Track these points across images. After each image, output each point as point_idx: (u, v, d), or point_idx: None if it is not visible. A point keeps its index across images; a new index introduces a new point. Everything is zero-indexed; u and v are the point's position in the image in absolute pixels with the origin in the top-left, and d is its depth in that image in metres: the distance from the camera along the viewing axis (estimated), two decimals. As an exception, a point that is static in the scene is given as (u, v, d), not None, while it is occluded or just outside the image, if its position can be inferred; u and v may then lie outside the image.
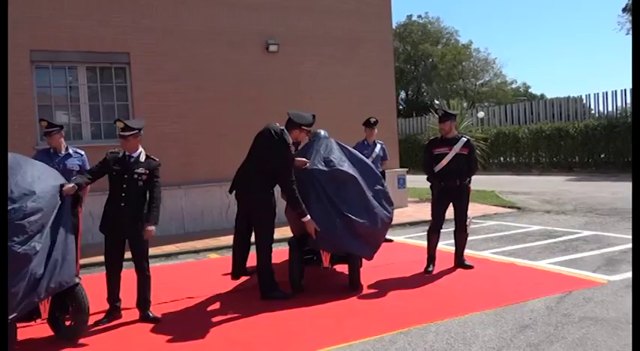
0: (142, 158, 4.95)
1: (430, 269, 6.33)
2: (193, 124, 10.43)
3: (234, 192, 5.63)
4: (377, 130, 8.29)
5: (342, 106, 11.56)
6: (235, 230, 5.68)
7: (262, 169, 5.39)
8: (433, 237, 6.41)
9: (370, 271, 6.27)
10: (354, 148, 6.75)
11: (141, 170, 4.88)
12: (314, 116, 5.76)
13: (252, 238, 5.53)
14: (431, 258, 6.42)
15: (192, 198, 10.37)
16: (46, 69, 9.57)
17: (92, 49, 9.64)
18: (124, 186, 4.83)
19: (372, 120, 8.21)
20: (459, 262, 6.51)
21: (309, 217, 5.31)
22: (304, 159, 5.69)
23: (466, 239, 6.51)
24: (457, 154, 6.22)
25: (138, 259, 4.94)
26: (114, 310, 5.03)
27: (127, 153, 4.94)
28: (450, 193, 6.25)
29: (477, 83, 44.91)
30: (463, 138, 6.30)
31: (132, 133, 4.90)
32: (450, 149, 6.23)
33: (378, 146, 8.31)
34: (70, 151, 6.02)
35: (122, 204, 4.83)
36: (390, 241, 8.65)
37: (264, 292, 5.47)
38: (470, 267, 6.40)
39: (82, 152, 6.13)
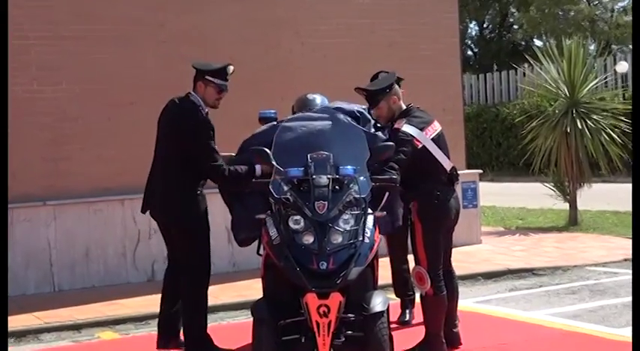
0: None
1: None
2: (72, 84, 10.59)
3: (147, 211, 6.89)
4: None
5: (358, 51, 11.88)
6: (168, 266, 6.97)
7: (174, 160, 6.48)
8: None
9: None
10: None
11: None
12: (228, 65, 6.64)
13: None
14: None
15: (67, 225, 10.43)
16: None
17: None
18: None
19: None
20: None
21: (258, 166, 6.32)
22: None
23: (428, 311, 6.68)
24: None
25: None
26: None
27: None
28: None
29: (615, 8, 44.68)
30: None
31: None
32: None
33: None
34: None
35: None
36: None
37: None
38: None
39: None
